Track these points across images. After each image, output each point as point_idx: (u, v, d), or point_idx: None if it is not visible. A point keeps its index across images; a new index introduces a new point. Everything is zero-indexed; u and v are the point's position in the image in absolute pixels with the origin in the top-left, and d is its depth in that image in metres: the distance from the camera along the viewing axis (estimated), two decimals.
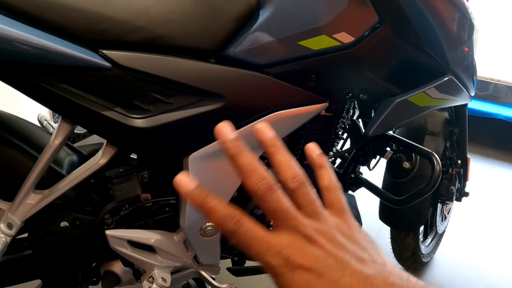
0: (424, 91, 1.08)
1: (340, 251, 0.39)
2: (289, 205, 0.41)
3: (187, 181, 0.42)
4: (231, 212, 0.40)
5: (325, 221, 0.42)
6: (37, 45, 0.70)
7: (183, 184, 0.41)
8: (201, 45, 0.83)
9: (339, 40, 0.89)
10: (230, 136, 0.43)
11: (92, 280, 1.13)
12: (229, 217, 0.40)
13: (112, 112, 0.81)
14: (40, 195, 0.94)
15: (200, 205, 0.41)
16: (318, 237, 0.40)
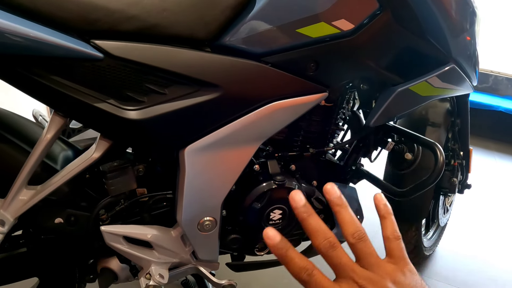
0: (426, 80, 1.05)
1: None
2: (348, 259, 0.50)
3: (273, 235, 0.50)
4: (306, 265, 0.49)
5: (380, 271, 0.50)
6: (27, 36, 0.67)
7: (270, 236, 0.50)
8: (196, 34, 0.80)
9: (339, 27, 0.87)
10: (301, 203, 0.52)
11: (89, 278, 1.11)
12: (304, 269, 0.49)
13: (105, 104, 0.79)
14: (33, 190, 0.92)
15: (283, 256, 0.49)
16: (370, 287, 0.48)
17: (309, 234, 0.51)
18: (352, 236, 0.52)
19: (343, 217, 0.53)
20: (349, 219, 0.53)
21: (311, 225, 0.51)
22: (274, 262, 1.21)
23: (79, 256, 1.09)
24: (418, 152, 1.36)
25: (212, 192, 0.94)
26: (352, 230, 0.52)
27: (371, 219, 2.03)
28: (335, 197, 0.54)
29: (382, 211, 0.56)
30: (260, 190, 0.99)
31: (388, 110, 1.04)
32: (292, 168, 1.07)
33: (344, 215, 0.53)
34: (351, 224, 0.52)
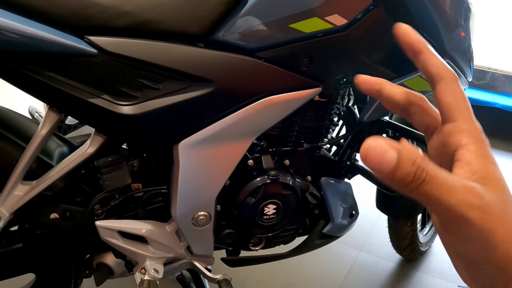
0: (420, 75, 1.05)
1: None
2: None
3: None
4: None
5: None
6: (21, 32, 0.68)
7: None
8: (189, 29, 0.81)
9: (332, 22, 0.87)
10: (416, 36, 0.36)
11: (85, 273, 1.12)
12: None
13: (99, 99, 0.80)
14: (28, 186, 0.92)
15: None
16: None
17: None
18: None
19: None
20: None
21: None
22: (270, 257, 1.22)
23: (75, 251, 1.09)
24: None
25: (206, 187, 0.94)
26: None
27: (366, 214, 2.05)
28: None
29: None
30: (254, 185, 1.00)
31: (381, 106, 1.03)
32: (286, 163, 1.07)
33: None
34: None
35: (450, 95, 0.35)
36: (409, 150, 0.28)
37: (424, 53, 0.36)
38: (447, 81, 0.35)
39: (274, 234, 1.10)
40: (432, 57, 0.36)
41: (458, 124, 0.34)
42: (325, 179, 1.16)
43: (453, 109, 0.35)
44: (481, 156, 0.33)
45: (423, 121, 0.38)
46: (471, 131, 0.34)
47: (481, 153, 0.33)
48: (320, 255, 1.61)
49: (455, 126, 0.34)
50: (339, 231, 1.23)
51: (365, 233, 2.08)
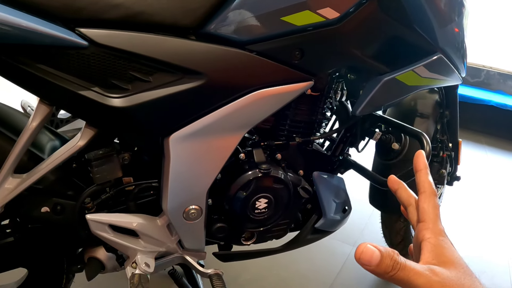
0: (413, 69, 1.05)
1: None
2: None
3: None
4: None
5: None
6: (11, 24, 0.67)
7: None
8: (181, 22, 0.80)
9: (324, 15, 0.87)
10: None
11: (77, 268, 1.11)
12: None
13: (90, 91, 0.79)
14: (19, 179, 0.92)
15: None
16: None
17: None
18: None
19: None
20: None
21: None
22: (262, 252, 1.21)
23: (66, 245, 1.09)
24: (405, 142, 1.37)
25: (197, 180, 0.94)
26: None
27: (360, 210, 2.05)
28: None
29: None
30: (245, 179, 1.00)
31: (374, 100, 1.04)
32: (278, 157, 1.07)
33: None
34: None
35: (426, 204, 0.53)
36: (387, 251, 0.45)
37: (421, 172, 0.56)
38: (427, 194, 0.54)
39: (266, 228, 1.10)
40: (425, 175, 0.55)
41: (426, 224, 0.51)
42: (317, 173, 1.16)
43: (425, 213, 0.52)
44: (439, 246, 0.48)
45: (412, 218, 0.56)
46: (434, 229, 0.50)
47: (440, 244, 0.49)
48: (313, 251, 1.62)
49: (423, 225, 0.51)
50: (331, 226, 1.23)
51: (358, 229, 2.08)
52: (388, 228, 1.73)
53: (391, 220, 1.68)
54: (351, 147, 1.27)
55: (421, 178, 0.55)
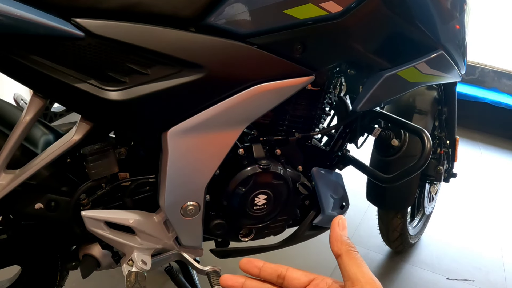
0: (414, 65, 1.04)
1: None
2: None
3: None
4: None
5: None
6: (4, 13, 0.65)
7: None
8: (180, 13, 0.78)
9: (326, 9, 0.85)
10: None
11: (71, 265, 1.09)
12: None
13: (86, 84, 0.77)
14: (12, 174, 0.89)
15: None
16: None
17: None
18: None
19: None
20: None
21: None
22: (260, 248, 1.20)
23: (60, 242, 1.07)
24: (405, 139, 1.36)
25: (195, 176, 0.92)
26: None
27: (357, 206, 2.04)
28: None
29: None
30: (244, 174, 0.98)
31: (375, 95, 1.03)
32: (277, 152, 1.06)
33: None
34: None
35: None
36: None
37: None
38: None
39: (264, 225, 1.09)
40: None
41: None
42: (316, 169, 1.15)
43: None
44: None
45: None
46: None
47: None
48: (310, 247, 1.61)
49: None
50: (329, 222, 1.20)
51: (354, 225, 2.08)
52: (385, 225, 1.72)
53: (388, 217, 1.67)
54: (350, 143, 1.26)
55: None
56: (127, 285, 0.95)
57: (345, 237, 0.48)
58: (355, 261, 0.46)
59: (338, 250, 0.47)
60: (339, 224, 0.49)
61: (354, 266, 0.45)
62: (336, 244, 0.48)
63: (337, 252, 0.47)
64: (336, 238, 0.48)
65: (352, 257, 0.46)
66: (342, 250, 0.47)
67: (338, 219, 0.49)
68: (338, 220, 0.49)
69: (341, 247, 0.47)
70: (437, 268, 1.88)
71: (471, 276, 1.86)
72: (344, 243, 0.47)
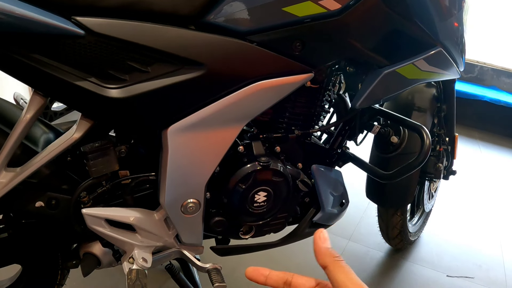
0: (413, 62, 1.05)
1: None
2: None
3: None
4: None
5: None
6: (4, 11, 0.65)
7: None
8: (180, 11, 0.79)
9: (325, 7, 0.86)
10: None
11: (72, 263, 1.09)
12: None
13: (86, 82, 0.78)
14: (12, 173, 0.89)
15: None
16: None
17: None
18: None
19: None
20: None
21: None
22: (260, 246, 1.20)
23: (61, 241, 1.07)
24: (404, 136, 1.36)
25: (195, 173, 0.92)
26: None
27: (357, 203, 2.04)
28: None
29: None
30: (244, 172, 0.98)
31: (374, 92, 1.03)
32: (277, 150, 1.06)
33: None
34: None
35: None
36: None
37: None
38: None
39: (265, 222, 1.09)
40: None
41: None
42: (316, 166, 1.15)
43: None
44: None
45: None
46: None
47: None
48: (310, 244, 1.61)
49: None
50: (329, 219, 1.22)
51: (354, 223, 2.08)
52: (384, 222, 1.73)
53: (388, 214, 1.68)
54: (350, 140, 1.26)
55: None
56: (128, 282, 0.95)
57: (328, 249, 0.49)
58: (342, 269, 0.47)
59: (324, 262, 0.48)
60: (320, 238, 0.50)
61: (342, 274, 0.46)
62: (321, 257, 0.49)
63: (323, 264, 0.48)
64: (320, 252, 0.49)
65: (338, 266, 0.47)
66: (327, 262, 0.48)
67: (319, 232, 0.51)
68: (319, 234, 0.50)
69: (325, 259, 0.48)
70: (437, 266, 1.88)
71: (471, 273, 1.86)
72: (328, 255, 0.48)
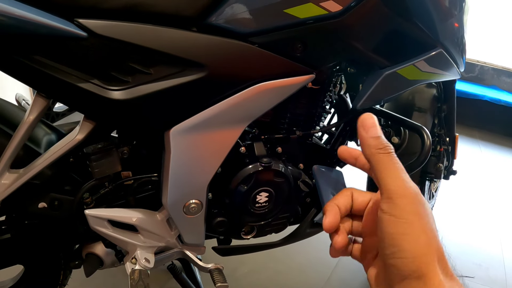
0: (413, 63, 1.05)
1: None
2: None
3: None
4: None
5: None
6: (7, 13, 0.65)
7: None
8: (182, 12, 0.79)
9: (326, 8, 0.86)
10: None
11: (74, 264, 1.10)
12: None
13: (89, 84, 0.78)
14: (16, 174, 0.90)
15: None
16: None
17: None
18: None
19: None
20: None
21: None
22: (261, 246, 1.21)
23: (64, 241, 1.07)
24: (404, 136, 1.37)
25: (197, 174, 0.93)
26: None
27: None
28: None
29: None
30: (246, 172, 0.99)
31: (375, 93, 1.03)
32: (279, 150, 1.06)
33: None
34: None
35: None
36: (385, 140, 0.41)
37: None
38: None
39: (266, 222, 1.10)
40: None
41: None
42: (316, 167, 1.15)
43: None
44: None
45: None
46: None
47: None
48: (310, 244, 1.61)
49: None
50: None
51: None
52: None
53: None
54: (351, 140, 1.27)
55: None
56: (130, 283, 0.96)
57: (370, 138, 0.41)
58: (384, 165, 0.40)
59: (366, 154, 0.42)
60: (363, 125, 0.42)
61: (383, 171, 0.40)
62: (363, 148, 0.42)
63: (367, 157, 0.42)
64: (363, 143, 0.42)
65: (379, 160, 0.40)
66: (368, 154, 0.41)
67: (362, 119, 0.42)
68: (362, 121, 0.42)
69: (367, 150, 0.41)
70: None
71: (471, 273, 1.87)
72: (370, 146, 0.41)
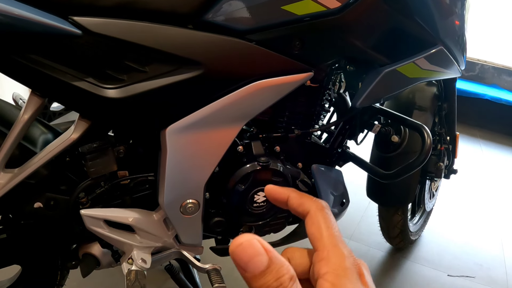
0: (414, 61, 1.04)
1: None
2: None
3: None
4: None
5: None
6: (2, 12, 0.64)
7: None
8: (178, 10, 0.78)
9: (325, 5, 0.85)
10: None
11: (71, 264, 1.09)
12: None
13: (84, 82, 0.77)
14: (11, 174, 0.89)
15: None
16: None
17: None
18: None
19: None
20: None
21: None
22: None
23: (60, 241, 1.07)
24: (405, 135, 1.35)
25: (194, 174, 0.92)
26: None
27: (358, 203, 2.04)
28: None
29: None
30: (243, 172, 0.98)
31: (374, 91, 1.02)
32: (277, 149, 1.05)
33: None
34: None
35: (313, 226, 0.37)
36: (280, 265, 0.30)
37: (290, 198, 0.40)
38: (311, 214, 0.37)
39: (264, 222, 1.09)
40: (296, 198, 0.40)
41: (319, 253, 0.35)
42: (316, 166, 1.14)
43: (316, 239, 0.36)
44: (338, 285, 0.33)
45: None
46: (331, 259, 0.34)
47: (339, 282, 0.33)
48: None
49: (317, 255, 0.35)
50: None
51: (354, 222, 2.08)
52: (385, 221, 1.72)
53: (388, 214, 1.67)
54: (350, 139, 1.26)
55: (294, 202, 0.40)
56: (127, 283, 0.95)
57: (256, 277, 0.32)
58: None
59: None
60: (240, 262, 0.32)
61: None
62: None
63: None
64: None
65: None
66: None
67: (234, 251, 0.31)
68: (235, 254, 0.32)
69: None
70: (438, 265, 1.88)
71: (472, 273, 1.86)
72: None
